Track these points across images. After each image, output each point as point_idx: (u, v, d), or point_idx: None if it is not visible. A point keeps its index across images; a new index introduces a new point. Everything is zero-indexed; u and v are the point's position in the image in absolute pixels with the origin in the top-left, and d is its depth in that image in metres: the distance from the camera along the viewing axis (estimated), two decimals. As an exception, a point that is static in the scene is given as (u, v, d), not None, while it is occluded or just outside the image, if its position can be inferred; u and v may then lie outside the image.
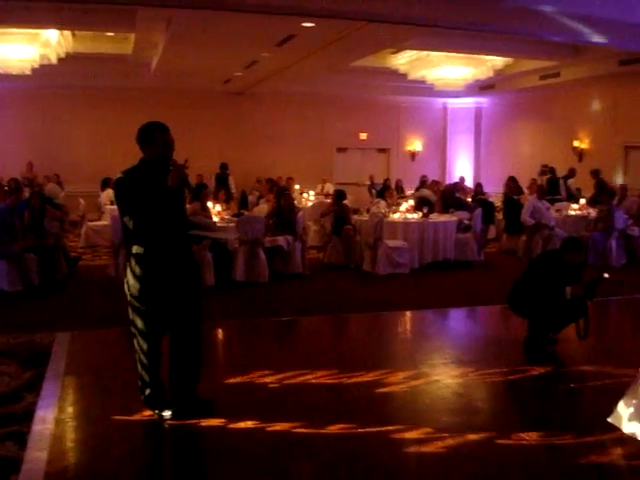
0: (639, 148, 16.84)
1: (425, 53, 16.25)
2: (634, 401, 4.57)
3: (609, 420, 4.72)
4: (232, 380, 5.73)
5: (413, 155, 22.86)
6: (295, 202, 12.54)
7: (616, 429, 4.62)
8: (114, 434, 4.64)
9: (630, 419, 4.55)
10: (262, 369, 5.98)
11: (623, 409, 4.66)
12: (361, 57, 15.72)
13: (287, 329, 8.17)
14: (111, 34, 15.37)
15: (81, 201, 14.84)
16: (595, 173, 16.07)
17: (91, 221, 14.54)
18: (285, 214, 11.04)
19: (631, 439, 4.46)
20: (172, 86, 18.38)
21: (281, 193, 11.56)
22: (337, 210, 12.00)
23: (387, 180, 19.26)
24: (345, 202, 12.54)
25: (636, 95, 16.41)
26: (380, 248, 11.07)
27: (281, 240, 10.61)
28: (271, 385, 5.64)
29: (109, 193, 14.91)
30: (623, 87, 16.63)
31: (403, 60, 17.41)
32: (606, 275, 6.63)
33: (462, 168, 22.58)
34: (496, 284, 10.56)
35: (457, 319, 9.01)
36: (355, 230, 11.78)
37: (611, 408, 4.79)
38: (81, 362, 6.36)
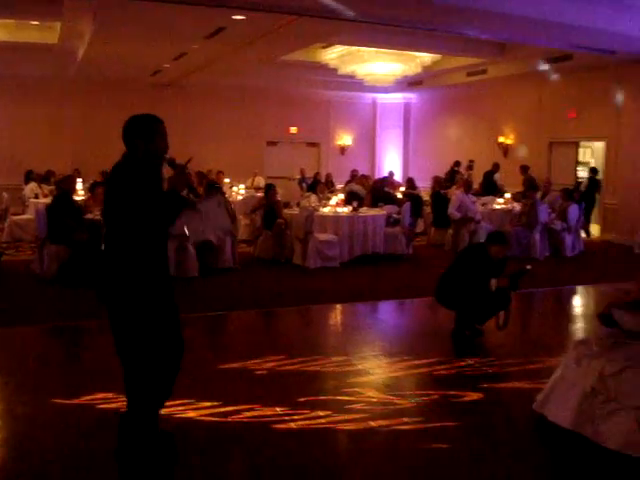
0: (563, 144, 17.35)
1: (355, 48, 16.34)
2: (555, 389, 4.73)
3: (533, 407, 4.88)
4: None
5: (343, 149, 23.00)
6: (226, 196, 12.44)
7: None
8: (37, 431, 4.56)
9: (551, 405, 4.70)
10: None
11: (545, 395, 4.82)
12: (291, 51, 15.71)
13: (217, 324, 8.12)
14: (36, 23, 14.96)
15: (4, 194, 14.43)
16: (524, 169, 16.50)
17: (15, 215, 14.14)
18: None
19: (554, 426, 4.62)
20: (99, 77, 18.01)
21: (210, 187, 11.45)
22: (267, 204, 11.99)
23: (317, 174, 19.35)
24: (276, 196, 12.51)
25: (560, 92, 16.91)
26: (310, 242, 11.12)
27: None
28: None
29: (33, 186, 14.55)
30: (548, 85, 17.10)
31: (333, 55, 17.46)
32: (529, 267, 6.83)
33: (391, 163, 22.86)
34: (424, 277, 10.75)
35: (387, 312, 9.13)
36: (286, 224, 11.79)
37: (534, 396, 4.97)
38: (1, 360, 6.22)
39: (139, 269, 3.75)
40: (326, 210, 11.97)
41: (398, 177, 20.77)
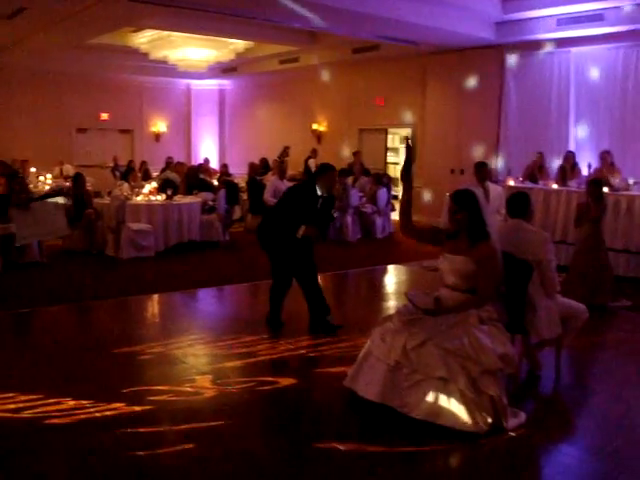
0: (371, 131, 18.01)
1: (167, 33, 16.00)
2: (364, 364, 4.91)
3: (344, 383, 5.04)
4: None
5: (158, 136, 22.52)
6: (31, 186, 11.81)
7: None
8: None
9: (360, 380, 4.88)
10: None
11: (354, 371, 4.99)
12: (99, 34, 15.13)
13: (20, 323, 7.63)
14: None
15: None
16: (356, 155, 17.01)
17: None
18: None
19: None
20: None
21: (13, 177, 10.81)
22: (76, 194, 11.49)
23: (131, 162, 18.80)
24: (85, 185, 12.02)
25: (367, 81, 17.52)
26: (123, 232, 10.82)
27: (14, 227, 9.91)
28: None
29: None
30: (356, 74, 17.67)
31: (144, 39, 17.01)
32: (336, 214, 6.93)
33: (207, 149, 22.70)
34: (241, 263, 10.84)
35: (204, 299, 9.04)
36: (96, 214, 11.37)
37: (346, 372, 5.14)
38: None
39: None
40: (139, 199, 11.66)
41: (215, 164, 20.68)
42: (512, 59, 14.13)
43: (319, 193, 6.62)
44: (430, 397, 4.46)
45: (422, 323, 4.65)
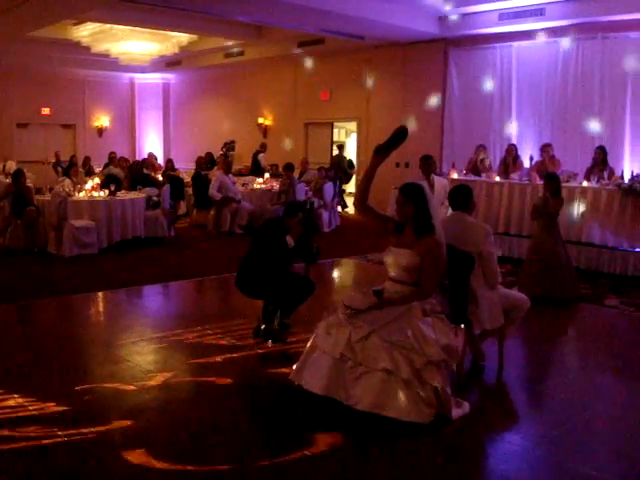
0: (318, 124, 18.02)
1: (108, 26, 15.72)
2: (309, 358, 4.90)
3: (290, 377, 5.01)
4: None
5: (101, 131, 22.16)
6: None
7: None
8: None
9: (306, 374, 4.86)
10: None
11: (299, 365, 4.98)
12: (39, 27, 14.80)
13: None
14: None
15: None
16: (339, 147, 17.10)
17: None
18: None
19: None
20: None
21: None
22: (16, 191, 11.21)
23: (74, 157, 18.42)
24: (25, 182, 11.75)
25: (314, 75, 17.49)
26: (65, 229, 10.60)
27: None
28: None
29: None
30: (301, 67, 17.64)
31: (86, 32, 16.66)
32: (310, 203, 6.77)
33: (152, 144, 22.41)
34: (186, 259, 10.75)
35: (149, 296, 8.91)
36: (38, 211, 11.10)
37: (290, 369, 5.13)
38: None
39: None
40: (81, 195, 11.43)
41: (160, 159, 20.44)
42: (455, 53, 14.29)
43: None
44: (375, 389, 4.48)
45: (366, 316, 4.66)
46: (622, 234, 9.78)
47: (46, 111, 20.99)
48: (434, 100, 14.64)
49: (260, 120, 19.28)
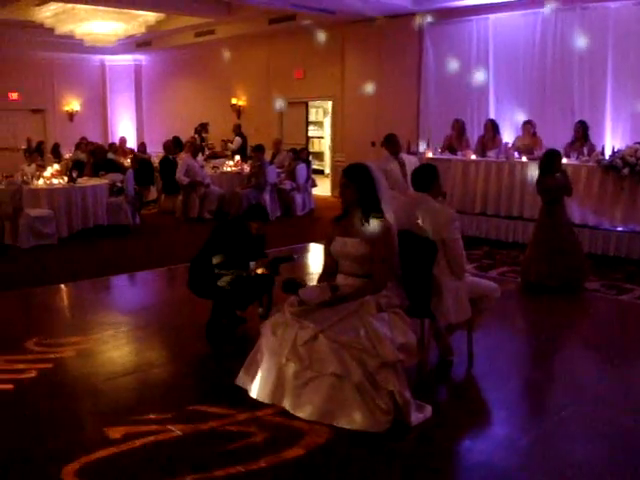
0: (292, 104, 17.47)
1: (70, 6, 15.08)
2: (254, 361, 4.48)
3: (236, 382, 4.59)
4: None
5: (71, 115, 21.47)
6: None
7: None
8: None
9: (251, 379, 4.45)
10: None
11: (245, 369, 4.56)
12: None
13: None
14: None
15: None
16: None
17: None
18: None
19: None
20: None
21: None
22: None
23: (42, 143, 17.90)
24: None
25: (284, 53, 16.96)
26: (21, 219, 10.09)
27: None
28: None
29: None
30: (273, 45, 17.11)
31: (48, 13, 16.01)
32: (295, 256, 6.47)
33: (125, 128, 21.77)
34: (152, 247, 10.33)
35: (113, 287, 8.48)
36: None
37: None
38: None
39: None
40: (40, 182, 10.90)
41: (133, 143, 19.87)
42: (430, 27, 13.76)
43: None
44: (323, 396, 4.04)
45: (314, 314, 4.21)
46: (603, 213, 9.37)
47: (14, 96, 20.29)
48: (409, 76, 14.12)
49: (234, 100, 18.70)
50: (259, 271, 5.84)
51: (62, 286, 8.19)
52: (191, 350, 5.74)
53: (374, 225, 4.32)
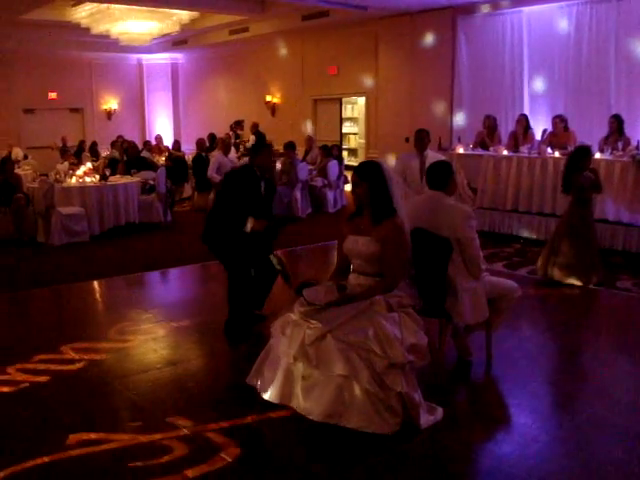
0: (326, 100, 17.43)
1: (105, 6, 15.22)
2: (264, 361, 4.45)
3: (246, 381, 4.56)
4: None
5: (109, 114, 21.76)
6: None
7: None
8: None
9: (261, 378, 4.42)
10: None
11: (256, 368, 4.53)
12: (34, 8, 14.39)
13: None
14: None
15: None
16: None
17: None
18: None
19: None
20: None
21: None
22: (3, 179, 10.83)
23: (82, 142, 18.16)
24: (14, 169, 11.38)
25: (318, 49, 16.93)
26: (53, 217, 10.22)
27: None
28: None
29: None
30: (307, 42, 17.09)
31: (84, 13, 16.17)
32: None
33: (162, 126, 21.98)
34: (183, 244, 10.34)
35: (145, 283, 8.54)
36: (27, 199, 10.73)
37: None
38: None
39: None
40: (73, 181, 11.04)
41: (169, 141, 20.03)
42: (464, 21, 13.57)
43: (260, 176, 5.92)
44: (331, 397, 3.98)
45: (323, 314, 4.15)
46: (637, 209, 9.12)
47: (53, 95, 20.66)
48: (443, 71, 13.95)
49: (268, 97, 18.73)
50: (250, 226, 5.73)
51: (95, 283, 8.25)
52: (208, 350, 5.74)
53: (386, 224, 4.25)
